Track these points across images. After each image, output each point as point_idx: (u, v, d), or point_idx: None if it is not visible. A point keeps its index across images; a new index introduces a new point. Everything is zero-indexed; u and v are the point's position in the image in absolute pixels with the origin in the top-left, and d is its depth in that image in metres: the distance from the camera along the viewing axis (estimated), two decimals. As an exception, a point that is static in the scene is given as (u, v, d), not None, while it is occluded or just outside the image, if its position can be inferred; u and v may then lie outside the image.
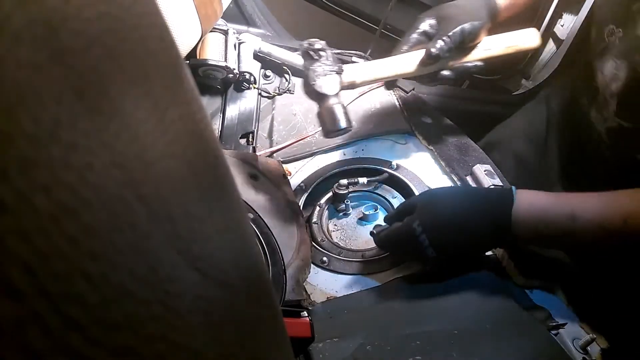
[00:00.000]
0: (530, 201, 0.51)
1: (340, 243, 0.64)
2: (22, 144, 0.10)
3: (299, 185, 0.69)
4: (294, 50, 0.83)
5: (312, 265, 0.59)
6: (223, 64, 0.73)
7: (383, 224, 0.64)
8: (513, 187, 0.53)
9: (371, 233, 0.60)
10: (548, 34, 0.99)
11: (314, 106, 0.57)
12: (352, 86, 0.58)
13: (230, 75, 0.75)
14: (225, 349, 0.19)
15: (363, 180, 0.68)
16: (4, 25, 0.11)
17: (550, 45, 1.03)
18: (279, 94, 0.79)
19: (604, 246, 0.49)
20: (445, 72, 0.60)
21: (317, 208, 0.66)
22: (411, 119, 0.77)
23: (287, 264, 0.55)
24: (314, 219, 0.65)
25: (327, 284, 0.57)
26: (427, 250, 0.52)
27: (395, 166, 0.69)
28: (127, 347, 0.13)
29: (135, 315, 0.13)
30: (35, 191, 0.11)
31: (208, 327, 0.17)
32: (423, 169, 0.70)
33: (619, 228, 0.46)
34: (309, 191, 0.68)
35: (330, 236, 0.64)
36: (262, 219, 0.58)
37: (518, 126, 0.86)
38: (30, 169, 0.10)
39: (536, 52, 1.02)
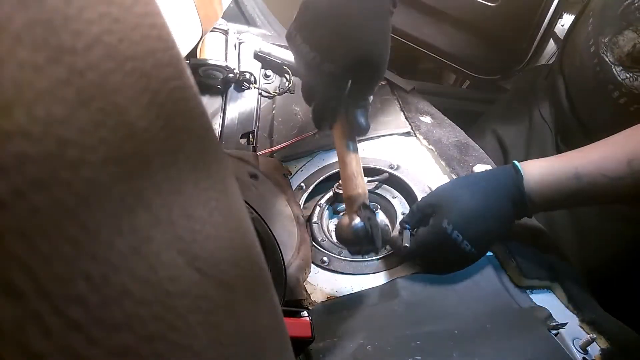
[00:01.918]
0: (536, 171, 0.52)
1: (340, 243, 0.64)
2: (19, 140, 0.10)
3: (299, 185, 0.69)
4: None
5: (312, 265, 0.59)
6: (223, 63, 0.73)
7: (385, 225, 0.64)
8: (515, 162, 0.54)
9: (401, 248, 0.57)
10: (549, 34, 0.99)
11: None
12: None
13: (231, 75, 0.75)
14: (225, 349, 0.19)
15: (363, 180, 0.67)
16: (4, 26, 0.11)
17: (551, 46, 1.03)
18: (280, 94, 0.79)
19: (617, 196, 0.49)
20: None
21: (317, 208, 0.66)
22: (411, 119, 0.77)
23: (287, 264, 0.55)
24: (314, 219, 0.65)
25: (327, 284, 0.57)
26: (463, 245, 0.52)
27: (395, 166, 0.69)
28: (127, 347, 0.13)
29: (135, 316, 0.13)
30: (33, 188, 0.11)
31: (208, 326, 0.17)
32: (423, 169, 0.70)
33: (625, 172, 0.47)
34: (309, 191, 0.68)
35: (330, 236, 0.64)
36: (262, 219, 0.58)
37: (500, 112, 0.88)
38: (27, 166, 0.10)
39: (537, 53, 1.02)
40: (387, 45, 0.45)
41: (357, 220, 0.46)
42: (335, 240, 0.64)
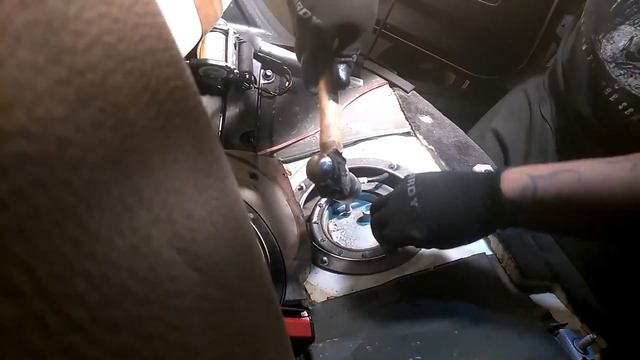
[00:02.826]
0: (521, 168, 0.47)
1: (340, 243, 0.64)
2: (19, 140, 0.10)
3: (299, 185, 0.69)
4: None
5: (312, 265, 0.59)
6: (223, 63, 0.73)
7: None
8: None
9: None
10: (549, 35, 0.99)
11: (314, 106, 0.57)
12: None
13: (231, 75, 0.75)
14: (225, 349, 0.19)
15: (363, 180, 0.68)
16: (5, 26, 0.11)
17: (552, 46, 1.03)
18: (280, 94, 0.79)
19: (618, 191, 0.41)
20: None
21: (317, 208, 0.66)
22: (411, 119, 0.77)
23: (287, 264, 0.55)
24: (314, 219, 0.65)
25: (327, 284, 0.57)
26: (413, 202, 0.48)
27: (395, 166, 0.69)
28: (127, 347, 0.13)
29: (135, 315, 0.13)
30: (33, 188, 0.11)
31: (208, 326, 0.17)
32: (423, 169, 0.70)
33: (628, 171, 0.41)
34: (308, 191, 0.68)
35: (330, 236, 0.64)
36: (262, 219, 0.58)
37: (501, 111, 0.88)
38: (27, 166, 0.10)
39: (537, 53, 1.02)
40: (373, 10, 0.52)
41: (326, 159, 0.50)
42: (335, 240, 0.64)
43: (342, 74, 0.53)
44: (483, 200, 0.47)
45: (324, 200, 0.67)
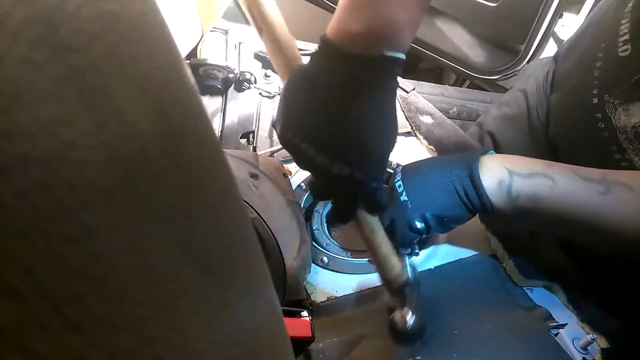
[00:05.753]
0: (501, 158, 0.50)
1: (340, 243, 0.64)
2: (20, 141, 0.10)
3: (299, 185, 0.69)
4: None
5: (312, 265, 0.59)
6: (223, 63, 0.73)
7: None
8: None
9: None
10: (549, 34, 0.99)
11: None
12: None
13: (231, 75, 0.75)
14: (226, 349, 0.19)
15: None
16: (3, 23, 0.10)
17: (552, 46, 1.03)
18: (280, 94, 0.79)
19: (586, 202, 0.44)
20: None
21: (316, 214, 0.66)
22: (411, 119, 0.77)
23: (287, 264, 0.55)
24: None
25: (327, 284, 0.57)
26: (403, 196, 0.48)
27: (395, 166, 0.69)
28: (127, 348, 0.13)
29: (135, 316, 0.13)
30: (34, 189, 0.10)
31: (209, 328, 0.17)
32: (423, 169, 0.70)
33: (597, 176, 0.44)
34: (309, 191, 0.68)
35: (331, 236, 0.64)
36: (262, 219, 0.58)
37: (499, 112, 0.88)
38: (29, 167, 0.10)
39: (536, 53, 1.02)
40: (397, 133, 0.42)
41: (409, 316, 0.43)
42: (335, 240, 0.64)
43: (382, 201, 0.44)
44: (462, 185, 0.48)
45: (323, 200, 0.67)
